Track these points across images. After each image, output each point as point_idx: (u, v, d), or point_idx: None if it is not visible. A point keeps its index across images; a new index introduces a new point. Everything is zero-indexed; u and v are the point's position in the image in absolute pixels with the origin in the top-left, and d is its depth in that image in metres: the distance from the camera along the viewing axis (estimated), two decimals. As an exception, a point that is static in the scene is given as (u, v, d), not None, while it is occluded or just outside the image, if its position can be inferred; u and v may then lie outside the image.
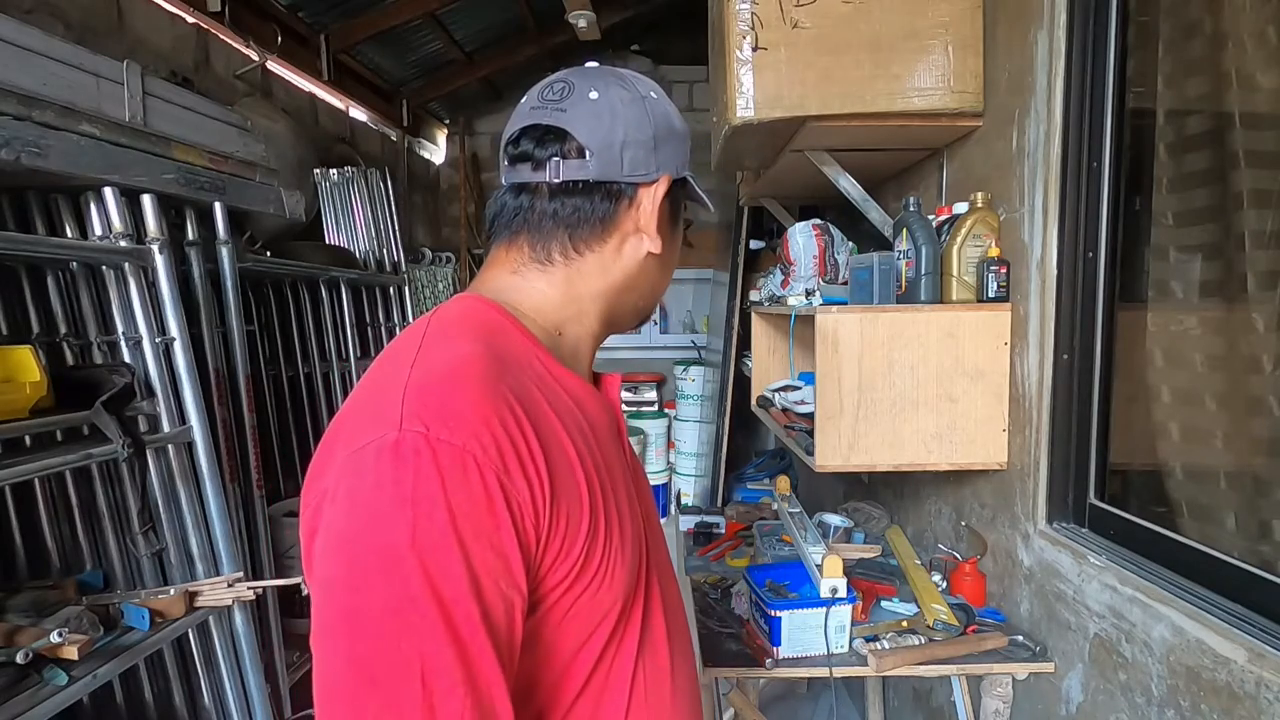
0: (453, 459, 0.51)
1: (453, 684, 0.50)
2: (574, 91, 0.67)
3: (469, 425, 0.53)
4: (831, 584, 1.41)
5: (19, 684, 1.25)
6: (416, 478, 0.51)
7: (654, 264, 0.72)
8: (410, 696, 0.49)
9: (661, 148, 0.69)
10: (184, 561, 1.69)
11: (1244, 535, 1.18)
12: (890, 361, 1.49)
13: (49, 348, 1.63)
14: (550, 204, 0.68)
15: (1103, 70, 1.31)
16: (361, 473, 0.52)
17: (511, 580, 0.53)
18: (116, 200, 1.60)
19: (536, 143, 0.67)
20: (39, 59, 1.46)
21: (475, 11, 3.73)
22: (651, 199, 0.69)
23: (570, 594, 0.58)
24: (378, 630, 0.50)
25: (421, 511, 0.50)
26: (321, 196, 3.11)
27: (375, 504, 0.51)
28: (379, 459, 0.52)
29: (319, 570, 0.53)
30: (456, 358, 0.57)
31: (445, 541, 0.50)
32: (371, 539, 0.51)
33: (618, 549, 0.62)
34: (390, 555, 0.50)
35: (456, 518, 0.51)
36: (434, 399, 0.54)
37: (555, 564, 0.57)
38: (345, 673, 0.50)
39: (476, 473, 0.52)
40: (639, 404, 4.98)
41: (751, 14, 1.53)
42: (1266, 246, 1.14)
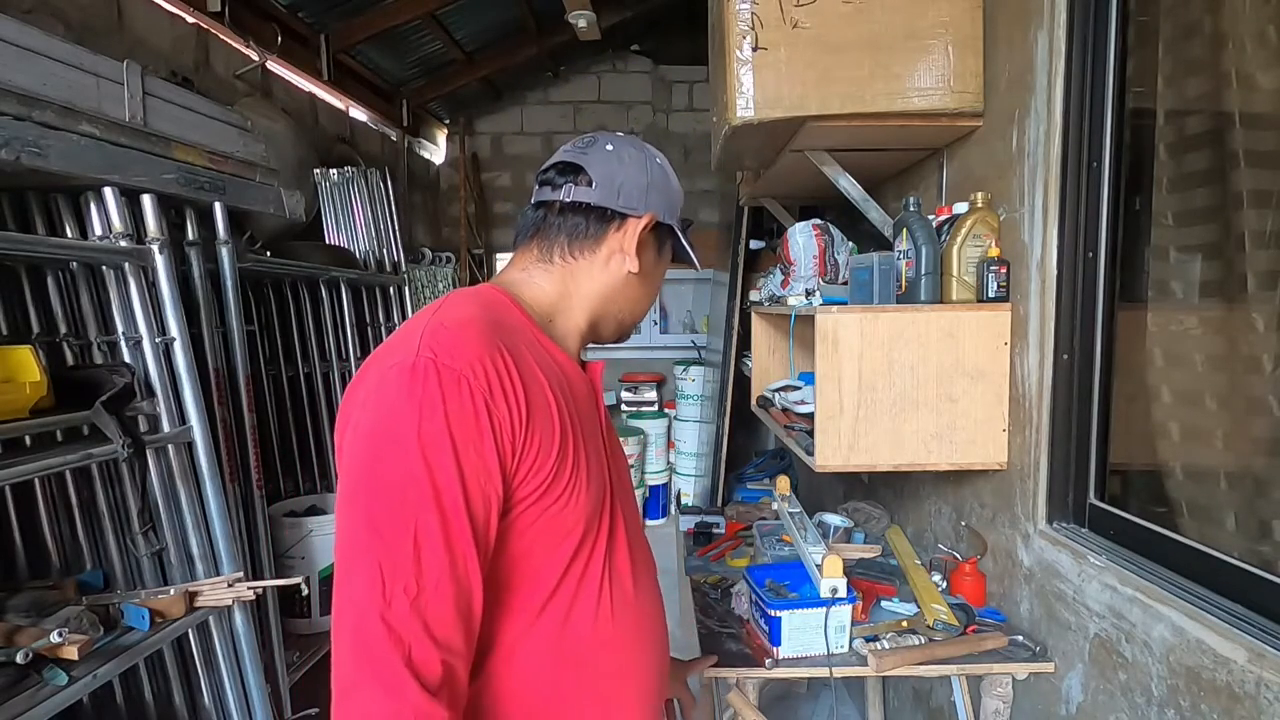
0: (452, 378, 0.70)
1: (436, 547, 0.67)
2: (597, 143, 0.90)
3: (466, 358, 0.71)
4: (831, 584, 1.41)
5: (19, 684, 1.25)
6: (425, 388, 0.69)
7: (635, 284, 0.92)
8: (404, 550, 0.67)
9: (652, 195, 0.90)
10: (184, 561, 1.69)
11: (1244, 535, 1.18)
12: (890, 361, 1.49)
13: (49, 348, 1.63)
14: (558, 218, 0.89)
15: (1103, 70, 1.31)
16: (385, 385, 0.71)
17: (490, 480, 0.71)
18: (116, 200, 1.60)
19: (559, 172, 0.89)
20: (39, 59, 1.46)
21: (475, 11, 3.73)
22: (635, 227, 0.89)
23: (539, 505, 0.76)
24: (386, 497, 0.68)
25: (425, 414, 0.68)
26: (321, 196, 3.11)
27: (393, 405, 0.70)
28: (399, 375, 0.70)
29: (348, 455, 0.71)
30: (464, 315, 0.77)
31: (441, 438, 0.68)
32: (389, 429, 0.69)
33: (583, 481, 0.79)
34: (401, 442, 0.68)
35: (451, 422, 0.69)
36: (443, 337, 0.73)
37: (527, 477, 0.74)
38: (361, 526, 0.68)
39: (468, 391, 0.70)
40: (639, 404, 4.98)
41: (751, 14, 1.53)
42: (1266, 246, 1.14)
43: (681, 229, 0.96)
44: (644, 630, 0.89)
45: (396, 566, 0.66)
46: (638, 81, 5.10)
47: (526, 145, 5.13)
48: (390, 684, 0.64)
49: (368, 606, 0.65)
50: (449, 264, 4.28)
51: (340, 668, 0.66)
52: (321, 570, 2.32)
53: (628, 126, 5.06)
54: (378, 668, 0.65)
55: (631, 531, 0.91)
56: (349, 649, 0.66)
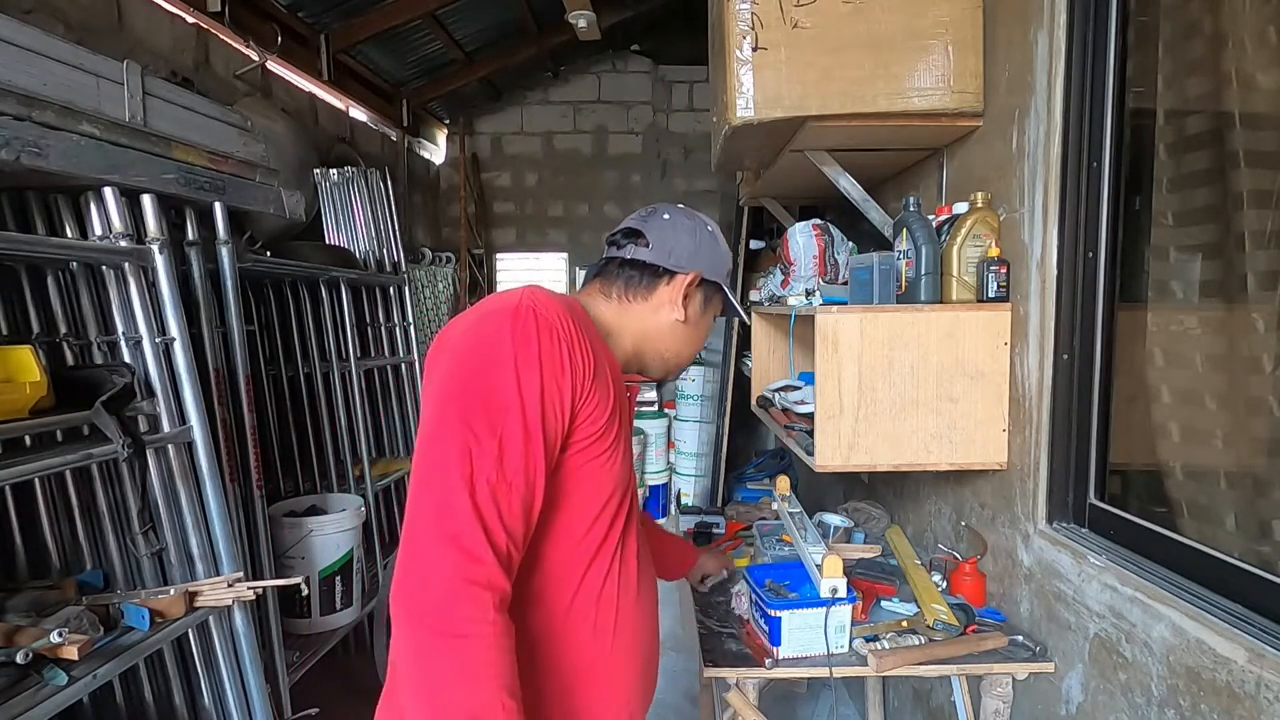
0: (547, 324, 0.85)
1: (516, 450, 0.81)
2: (656, 213, 1.08)
3: (558, 314, 0.87)
4: (831, 584, 1.41)
5: (19, 684, 1.25)
6: (524, 326, 0.84)
7: (680, 330, 1.07)
8: (491, 446, 0.80)
9: (700, 256, 1.06)
10: (184, 561, 1.69)
11: (1244, 535, 1.18)
12: (890, 361, 1.49)
13: (49, 348, 1.63)
14: (619, 269, 1.07)
15: (1103, 70, 1.31)
16: (487, 321, 0.86)
17: (563, 410, 0.85)
18: (116, 200, 1.60)
19: (624, 235, 1.07)
20: (39, 59, 1.46)
21: (475, 11, 3.73)
22: (682, 283, 1.05)
23: (588, 451, 0.90)
24: (483, 401, 0.81)
25: (522, 343, 0.83)
26: (321, 196, 3.11)
27: (495, 334, 0.84)
28: (502, 314, 0.85)
29: (444, 371, 0.85)
30: (563, 297, 0.94)
31: (533, 364, 0.83)
32: (491, 349, 0.83)
33: (621, 451, 0.94)
34: (500, 361, 0.83)
35: (542, 353, 0.83)
36: (540, 299, 0.88)
37: (585, 422, 0.88)
38: (455, 422, 0.81)
39: (559, 337, 0.85)
40: (639, 404, 4.98)
41: (751, 14, 1.53)
42: (1266, 246, 1.14)
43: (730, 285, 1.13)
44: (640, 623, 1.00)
45: (484, 457, 0.79)
46: (638, 81, 5.10)
47: (526, 145, 5.13)
48: (471, 549, 0.77)
49: (457, 484, 0.78)
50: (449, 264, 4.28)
51: (421, 537, 0.78)
52: (321, 570, 2.32)
53: (628, 126, 5.05)
54: (460, 534, 0.77)
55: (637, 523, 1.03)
56: (432, 517, 0.78)
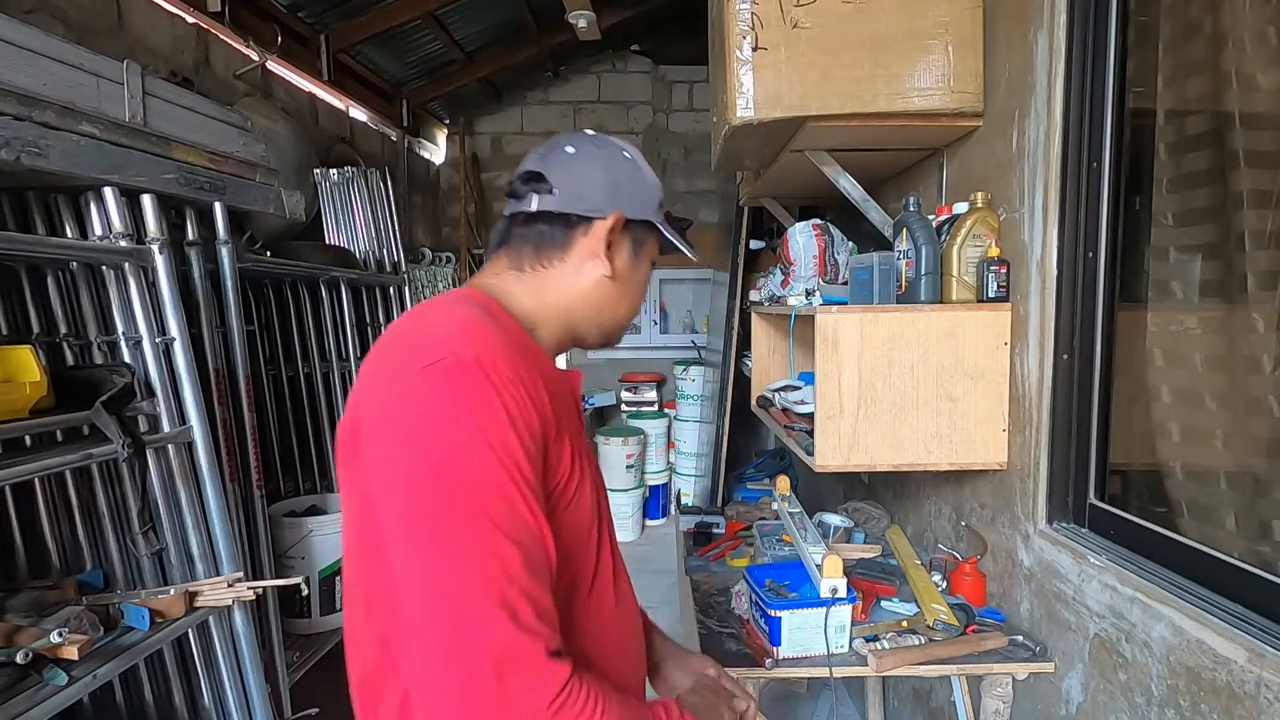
0: (499, 378, 0.69)
1: (535, 539, 0.68)
2: (557, 147, 0.87)
3: (501, 356, 0.71)
4: (831, 584, 1.41)
5: (19, 684, 1.25)
6: (475, 385, 0.68)
7: (611, 288, 0.88)
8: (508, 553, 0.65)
9: (619, 192, 0.86)
10: (184, 561, 1.69)
11: (1244, 535, 1.18)
12: (890, 361, 1.49)
13: (49, 348, 1.63)
14: (523, 228, 0.87)
15: (1103, 70, 1.31)
16: (426, 388, 0.68)
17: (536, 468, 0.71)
18: (116, 200, 1.60)
19: (522, 182, 0.87)
20: (39, 59, 1.46)
21: (475, 11, 3.73)
22: (602, 230, 0.85)
23: (562, 499, 0.76)
24: (466, 504, 0.65)
25: (484, 411, 0.67)
26: (321, 196, 3.11)
27: (445, 408, 0.67)
28: (444, 376, 0.68)
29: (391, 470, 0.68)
30: (480, 317, 0.76)
31: (503, 430, 0.67)
32: (448, 431, 0.67)
33: (586, 482, 0.81)
34: (469, 443, 0.66)
35: (509, 413, 0.68)
36: (476, 337, 0.72)
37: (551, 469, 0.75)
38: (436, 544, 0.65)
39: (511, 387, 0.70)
40: (639, 404, 4.98)
41: (751, 14, 1.53)
42: (1266, 246, 1.14)
43: (667, 220, 0.93)
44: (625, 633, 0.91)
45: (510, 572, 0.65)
46: (638, 81, 5.10)
47: (526, 145, 5.13)
48: (541, 671, 0.65)
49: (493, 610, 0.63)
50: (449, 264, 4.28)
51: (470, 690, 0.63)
52: (321, 570, 2.32)
53: (628, 126, 5.06)
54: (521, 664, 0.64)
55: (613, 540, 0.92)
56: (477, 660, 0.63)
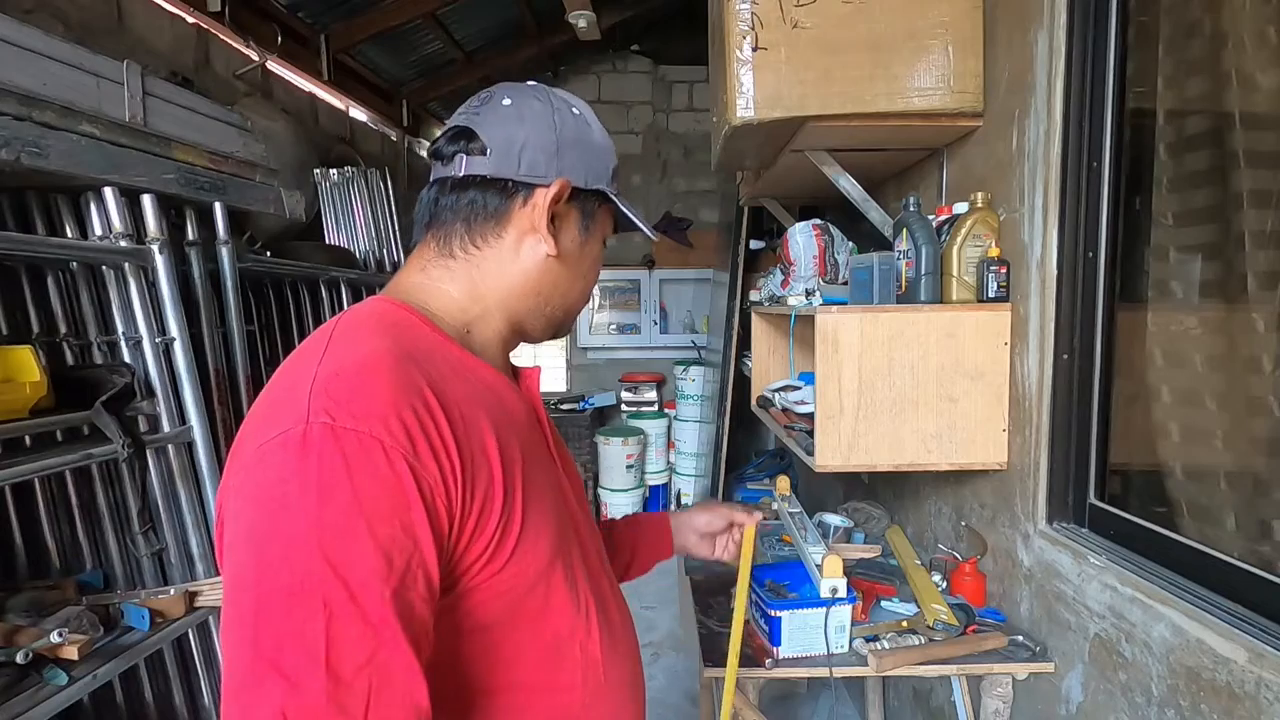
0: (358, 445, 0.53)
1: (359, 666, 0.51)
2: (492, 99, 0.73)
3: (376, 413, 0.55)
4: (831, 584, 1.41)
5: (19, 684, 1.25)
6: (320, 465, 0.52)
7: (558, 269, 0.74)
8: (314, 684, 0.49)
9: (565, 155, 0.72)
10: (184, 561, 1.69)
11: (1244, 535, 1.18)
12: (890, 361, 1.49)
13: (49, 348, 1.63)
14: (450, 196, 0.72)
15: (1103, 70, 1.31)
16: (267, 465, 0.54)
17: (421, 559, 0.55)
18: (116, 200, 1.60)
19: (448, 140, 0.72)
20: (39, 59, 1.46)
21: (475, 11, 3.73)
22: (544, 199, 0.71)
23: (492, 565, 0.61)
24: (283, 617, 0.51)
25: (325, 498, 0.52)
26: (321, 196, 3.11)
27: (280, 494, 0.53)
28: (284, 450, 0.53)
29: (229, 562, 0.55)
30: (364, 352, 0.59)
31: (350, 525, 0.52)
32: (276, 528, 0.52)
33: (538, 522, 0.65)
34: (294, 543, 0.51)
35: (362, 501, 0.52)
36: (341, 391, 0.56)
37: (473, 539, 0.60)
38: (254, 664, 0.50)
39: (383, 456, 0.54)
40: (639, 404, 4.98)
41: (751, 14, 1.53)
42: (1266, 246, 1.14)
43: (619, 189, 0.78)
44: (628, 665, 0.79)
45: (305, 710, 0.49)
46: (638, 81, 5.10)
47: (526, 145, 5.13)
48: None
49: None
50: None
51: None
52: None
53: (628, 126, 5.06)
54: None
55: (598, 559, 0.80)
56: None
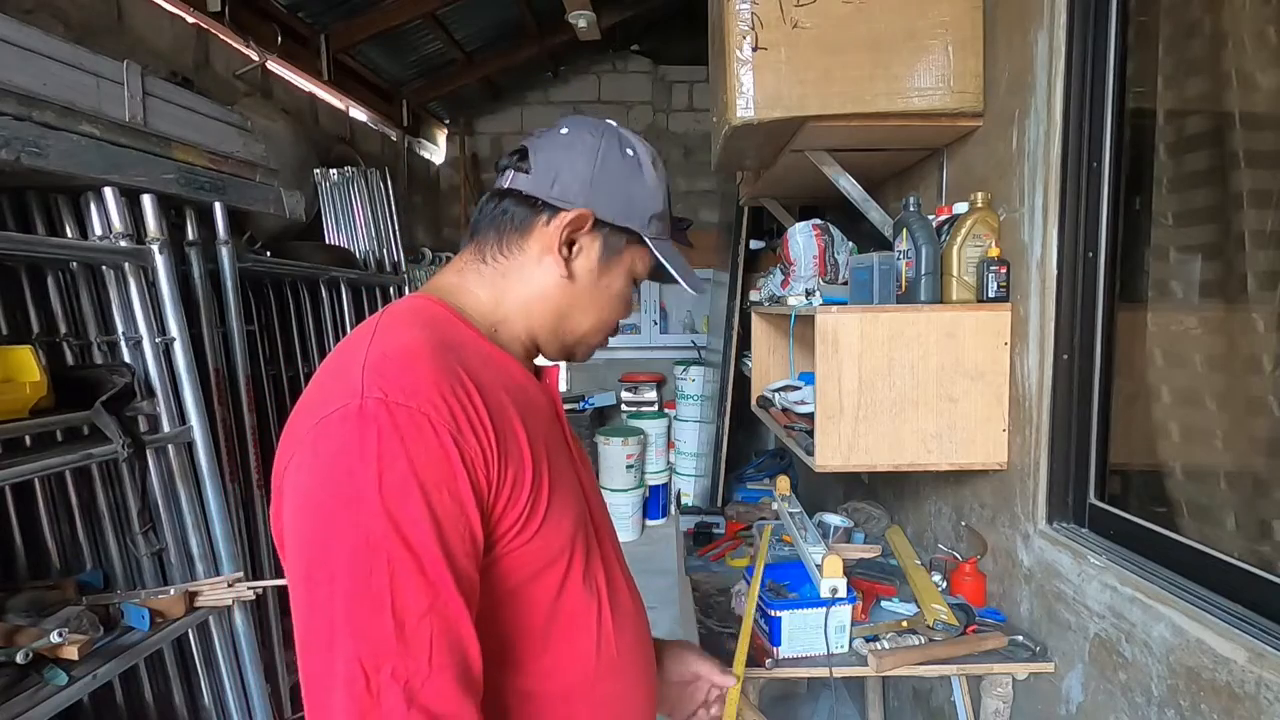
0: (411, 420, 0.59)
1: (421, 614, 0.57)
2: (558, 125, 0.80)
3: (424, 392, 0.61)
4: (831, 584, 1.41)
5: (19, 684, 1.25)
6: (380, 436, 0.58)
7: (572, 293, 0.79)
8: (382, 629, 0.56)
9: (599, 188, 0.77)
10: (184, 561, 1.69)
11: (1244, 535, 1.18)
12: (890, 361, 1.49)
13: (49, 348, 1.63)
14: (490, 205, 0.80)
15: (1103, 70, 1.31)
16: (329, 437, 0.60)
17: (468, 523, 0.61)
18: (116, 200, 1.60)
19: (507, 157, 0.79)
20: (39, 59, 1.46)
21: (475, 11, 3.73)
22: (561, 222, 0.76)
23: (522, 536, 0.67)
24: (352, 573, 0.57)
25: (385, 465, 0.58)
26: (321, 196, 3.11)
27: (343, 462, 0.59)
28: (344, 423, 0.59)
29: (294, 528, 0.61)
30: (409, 340, 0.67)
31: (408, 489, 0.58)
32: (342, 490, 0.58)
33: (560, 504, 0.71)
34: (360, 503, 0.57)
35: (417, 468, 0.58)
36: (391, 372, 0.62)
37: (506, 510, 0.66)
38: (322, 615, 0.57)
39: (432, 431, 0.60)
40: (639, 404, 4.99)
41: (751, 14, 1.53)
42: (1266, 246, 1.14)
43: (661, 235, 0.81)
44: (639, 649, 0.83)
45: (379, 655, 0.55)
46: (638, 81, 5.10)
47: (526, 145, 5.13)
48: None
49: (351, 711, 0.55)
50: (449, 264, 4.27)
51: None
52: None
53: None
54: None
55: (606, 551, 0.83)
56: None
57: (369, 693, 0.55)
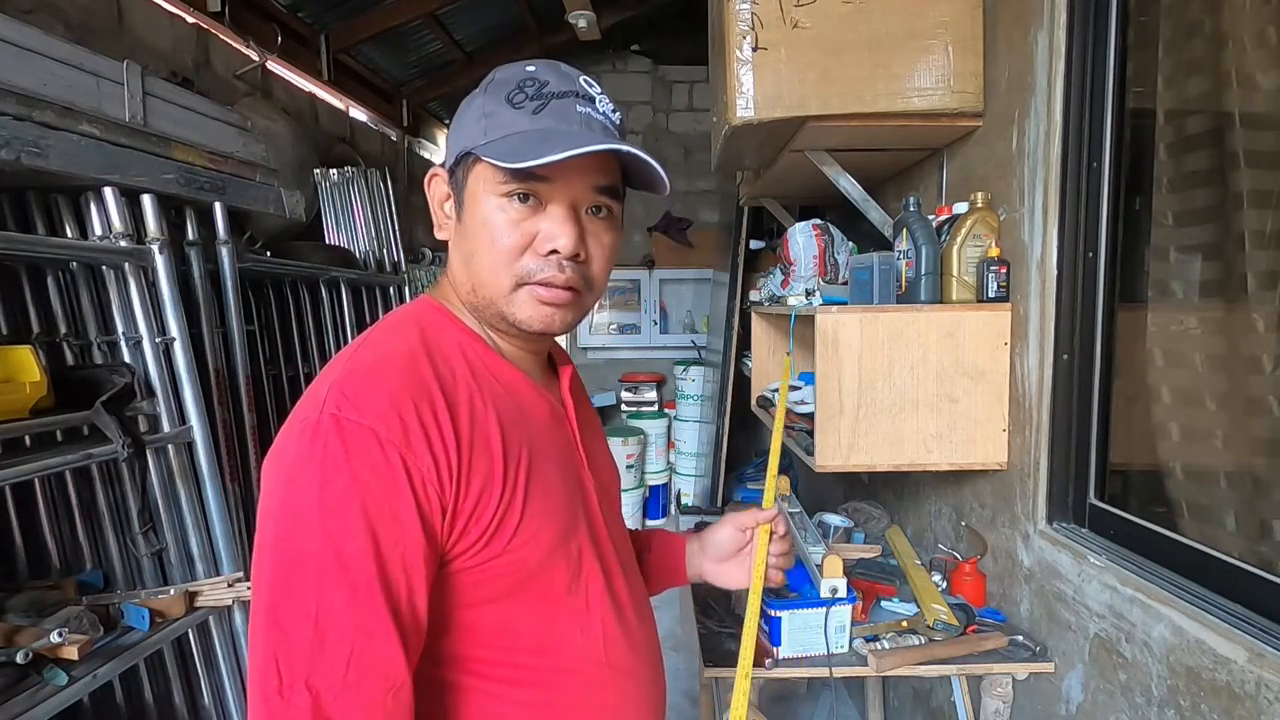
0: (357, 436, 0.60)
1: (343, 631, 0.58)
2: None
3: (377, 408, 0.62)
4: (831, 584, 1.41)
5: (19, 684, 1.25)
6: (325, 451, 0.60)
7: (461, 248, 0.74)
8: (304, 640, 0.57)
9: (449, 147, 0.75)
10: (184, 561, 1.69)
11: (1244, 535, 1.18)
12: (890, 361, 1.49)
13: (49, 348, 1.63)
14: None
15: (1103, 70, 1.31)
16: (286, 448, 0.62)
17: (409, 541, 0.61)
18: (116, 200, 1.60)
19: None
20: (39, 59, 1.46)
21: (475, 11, 3.73)
22: (429, 193, 0.77)
23: (487, 551, 0.66)
24: (284, 582, 0.59)
25: (327, 479, 0.59)
26: (321, 196, 3.10)
27: (292, 474, 0.61)
28: (300, 436, 0.61)
29: (257, 529, 0.63)
30: (385, 352, 0.68)
31: (346, 504, 0.59)
32: (286, 502, 0.60)
33: (539, 516, 0.69)
34: (300, 516, 0.59)
35: (358, 484, 0.59)
36: (352, 387, 0.63)
37: (470, 522, 0.65)
38: (261, 619, 0.59)
39: (378, 447, 0.60)
40: (639, 404, 4.98)
41: (751, 14, 1.53)
42: (1266, 246, 1.14)
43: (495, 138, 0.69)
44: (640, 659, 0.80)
45: (295, 662, 0.57)
46: (638, 81, 5.10)
47: (526, 145, 5.12)
48: None
49: (262, 712, 0.57)
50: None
51: None
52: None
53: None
54: None
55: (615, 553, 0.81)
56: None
57: (280, 696, 0.57)
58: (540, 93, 0.70)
